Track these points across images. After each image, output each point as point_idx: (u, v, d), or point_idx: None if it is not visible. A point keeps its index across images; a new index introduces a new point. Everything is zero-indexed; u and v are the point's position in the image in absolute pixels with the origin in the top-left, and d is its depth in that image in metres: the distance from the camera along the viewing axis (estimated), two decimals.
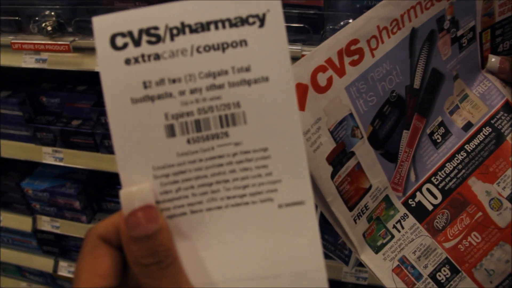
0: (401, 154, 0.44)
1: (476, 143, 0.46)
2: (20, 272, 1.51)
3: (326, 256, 0.98)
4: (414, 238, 0.43)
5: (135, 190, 0.23)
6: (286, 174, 0.24)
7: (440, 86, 0.46)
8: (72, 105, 1.17)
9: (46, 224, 1.29)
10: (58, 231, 1.27)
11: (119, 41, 0.24)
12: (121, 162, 0.24)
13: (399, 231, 0.44)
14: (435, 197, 0.45)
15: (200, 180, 0.24)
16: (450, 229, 0.44)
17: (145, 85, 0.24)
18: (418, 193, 0.45)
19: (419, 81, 0.44)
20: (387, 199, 0.44)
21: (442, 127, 0.47)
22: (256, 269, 0.24)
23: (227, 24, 0.24)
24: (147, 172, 0.24)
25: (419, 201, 0.45)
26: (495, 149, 0.46)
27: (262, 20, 0.25)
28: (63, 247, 1.34)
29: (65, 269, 1.37)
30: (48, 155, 1.15)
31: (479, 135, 0.47)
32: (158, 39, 0.24)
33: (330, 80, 0.36)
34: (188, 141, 0.24)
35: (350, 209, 0.41)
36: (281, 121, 0.24)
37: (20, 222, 1.31)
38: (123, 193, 0.23)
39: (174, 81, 0.24)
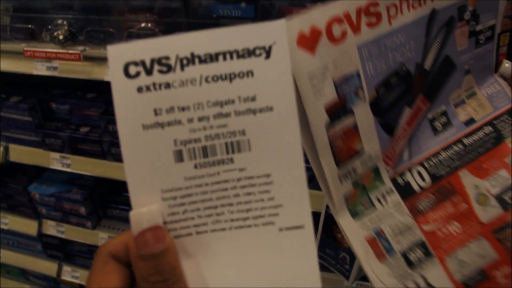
0: (399, 130, 0.45)
1: (475, 139, 0.47)
2: (24, 275, 1.53)
3: (327, 270, 0.99)
4: (395, 214, 0.44)
5: (144, 211, 0.24)
6: (287, 199, 0.25)
7: (450, 75, 0.46)
8: (81, 112, 1.19)
9: (51, 228, 1.30)
10: (63, 236, 1.28)
11: (132, 69, 0.26)
12: (132, 184, 0.25)
13: (381, 204, 0.44)
14: (424, 180, 0.45)
15: (206, 203, 0.25)
16: (432, 213, 0.44)
17: (156, 112, 0.25)
18: (408, 173, 0.46)
19: (430, 63, 0.44)
20: (376, 170, 0.44)
21: (444, 117, 0.47)
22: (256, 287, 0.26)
23: (234, 55, 0.26)
24: (156, 195, 0.25)
25: (408, 181, 0.45)
26: (492, 148, 0.47)
27: (268, 52, 0.26)
28: (67, 252, 1.35)
29: (68, 274, 1.38)
30: (56, 161, 1.17)
31: (479, 132, 0.47)
32: (169, 68, 0.26)
33: (344, 34, 0.37)
34: (195, 166, 0.25)
35: (338, 165, 0.41)
36: (284, 149, 0.26)
37: (26, 226, 1.32)
38: (133, 214, 0.24)
39: (183, 109, 0.25)
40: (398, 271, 0.42)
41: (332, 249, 1.00)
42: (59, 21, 1.04)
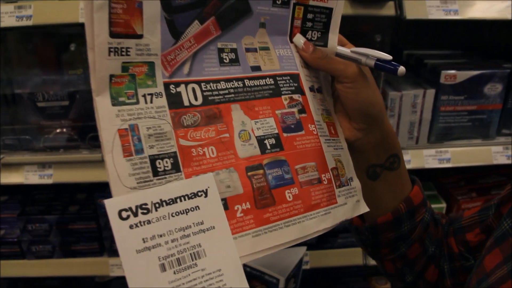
0: (184, 39, 0.45)
1: (256, 84, 0.50)
2: None
3: None
4: (156, 118, 0.43)
5: None
6: (233, 282, 0.41)
7: (245, 16, 0.49)
8: None
9: None
10: None
11: (124, 214, 0.40)
12: None
13: (146, 103, 0.43)
14: (196, 99, 0.46)
15: None
16: (194, 131, 0.45)
17: (144, 240, 0.40)
18: (182, 85, 0.45)
19: None
20: (151, 66, 0.44)
21: (233, 53, 0.49)
22: None
23: (186, 197, 0.42)
24: None
25: (180, 92, 0.45)
26: (268, 97, 0.50)
27: (206, 193, 0.43)
28: None
29: None
30: None
31: (261, 80, 0.50)
32: (148, 211, 0.40)
33: None
34: (174, 272, 0.40)
35: (112, 33, 0.40)
36: (225, 252, 0.42)
37: None
38: None
39: (161, 235, 0.40)
40: (140, 173, 0.41)
41: None
42: None
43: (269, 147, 0.48)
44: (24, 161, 1.09)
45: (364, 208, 0.54)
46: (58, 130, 1.10)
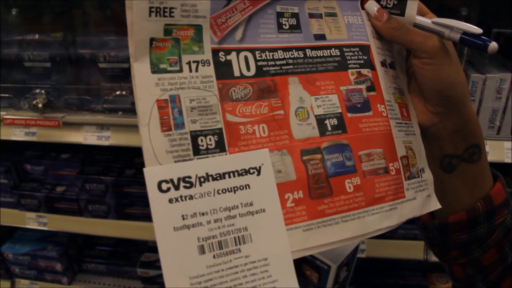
0: (238, 0, 0.40)
1: (319, 55, 0.44)
2: None
3: None
4: (201, 89, 0.38)
5: None
6: (280, 275, 0.36)
7: None
8: (56, 172, 1.25)
9: (25, 287, 1.32)
10: None
11: (164, 186, 0.35)
12: (167, 273, 0.34)
13: (190, 71, 0.38)
14: (248, 69, 0.40)
15: (223, 284, 0.35)
16: (243, 106, 0.39)
17: (183, 217, 0.35)
18: (233, 53, 0.40)
19: None
20: (198, 30, 0.39)
21: (294, 19, 0.44)
22: None
23: (236, 174, 0.36)
24: (185, 281, 0.34)
25: (230, 61, 0.40)
26: (332, 71, 0.44)
27: (259, 171, 0.37)
28: None
29: None
30: (31, 220, 1.21)
31: (325, 50, 0.44)
32: (191, 185, 0.36)
33: None
34: (214, 256, 0.35)
35: None
36: (275, 240, 0.36)
37: None
38: None
39: (203, 214, 0.35)
40: (179, 151, 0.37)
41: (302, 286, 1.10)
42: (37, 90, 1.11)
43: (330, 128, 0.42)
44: (84, 121, 1.10)
45: (435, 205, 0.47)
46: (117, 92, 1.09)
